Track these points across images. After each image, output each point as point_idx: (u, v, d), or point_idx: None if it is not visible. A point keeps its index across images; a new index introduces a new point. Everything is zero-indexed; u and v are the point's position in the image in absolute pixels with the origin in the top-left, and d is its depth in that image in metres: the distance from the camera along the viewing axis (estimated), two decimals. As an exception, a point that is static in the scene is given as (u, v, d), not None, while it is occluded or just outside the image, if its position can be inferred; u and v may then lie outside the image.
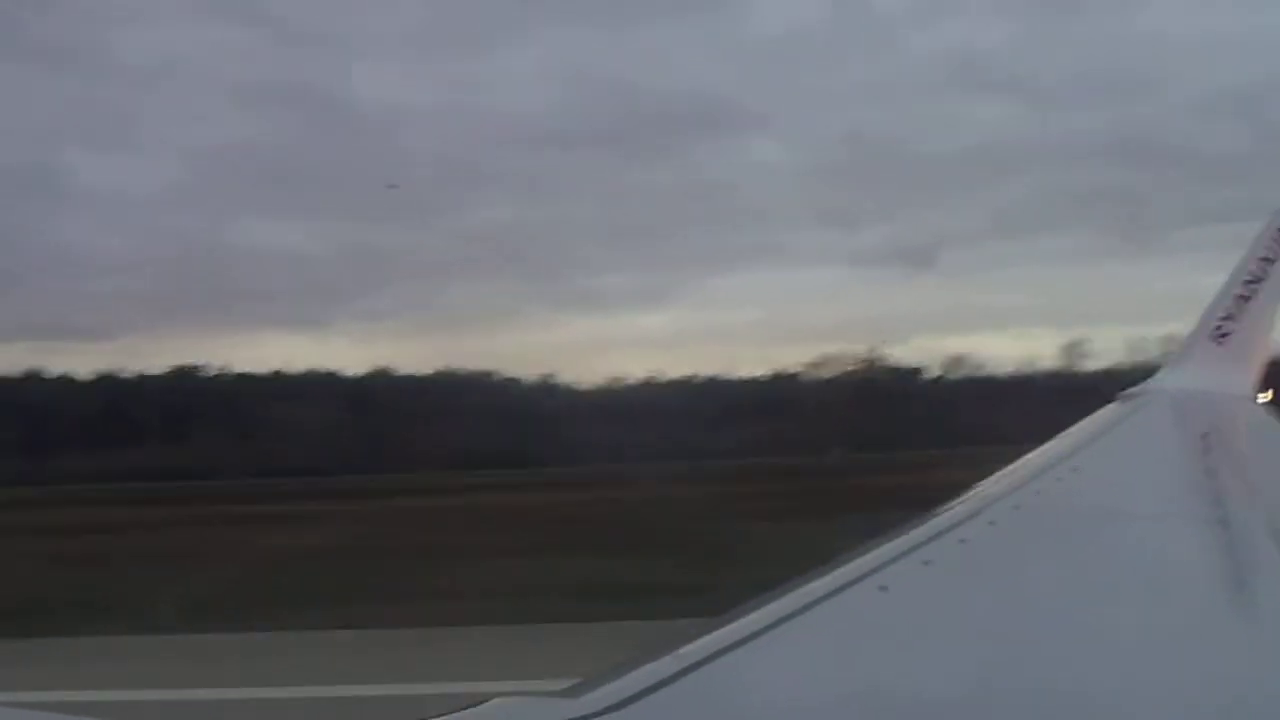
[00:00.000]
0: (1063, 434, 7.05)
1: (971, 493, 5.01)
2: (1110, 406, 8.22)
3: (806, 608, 3.23)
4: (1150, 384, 9.10)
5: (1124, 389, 8.82)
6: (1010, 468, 5.71)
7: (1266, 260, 9.55)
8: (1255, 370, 9.41)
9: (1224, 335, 9.45)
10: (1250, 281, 9.54)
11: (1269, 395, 9.18)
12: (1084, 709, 2.69)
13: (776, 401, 57.98)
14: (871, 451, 46.30)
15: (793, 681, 2.81)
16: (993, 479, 5.43)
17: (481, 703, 2.50)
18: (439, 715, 2.42)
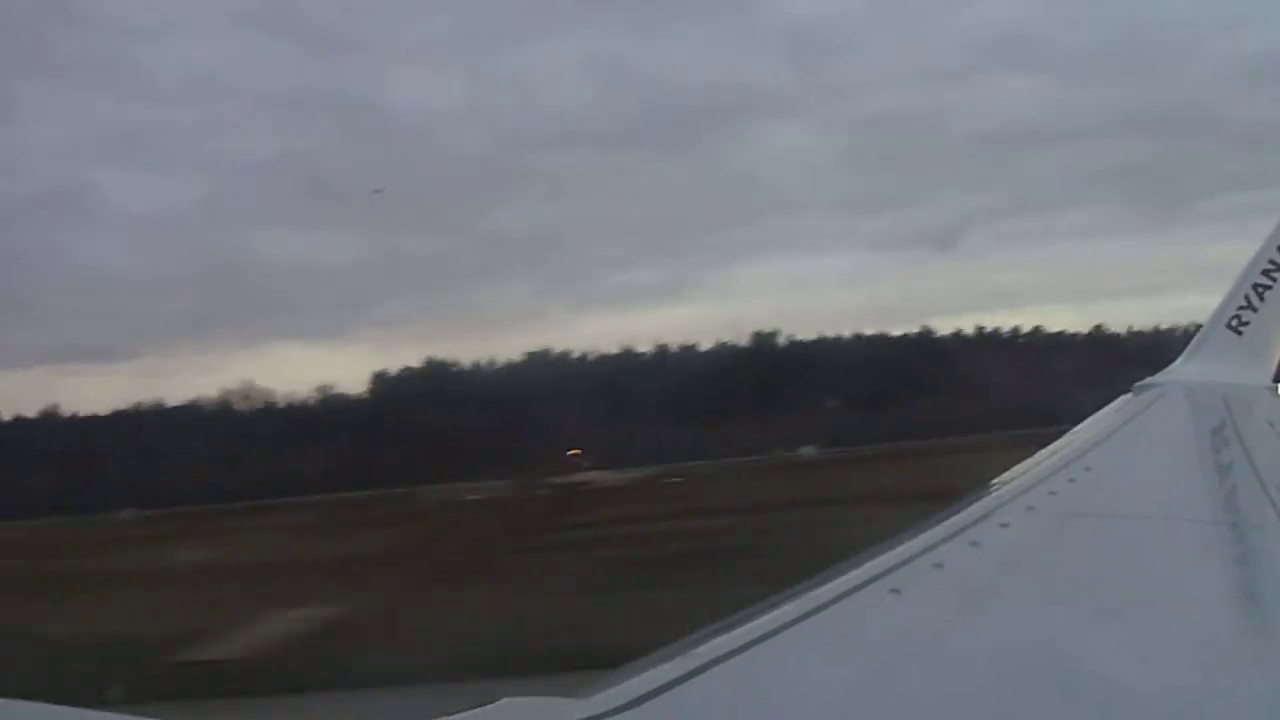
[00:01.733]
0: (1076, 428, 7.00)
1: (984, 491, 4.98)
2: (1124, 398, 8.14)
3: (818, 610, 3.23)
4: (1165, 375, 9.01)
5: (1138, 380, 8.74)
6: (1023, 465, 5.66)
7: None
8: (1273, 360, 9.31)
9: (1242, 325, 9.34)
10: (1269, 271, 9.43)
11: None
12: (1098, 713, 2.69)
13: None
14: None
15: (804, 684, 2.80)
16: (1005, 476, 5.39)
17: (490, 703, 2.51)
18: (449, 715, 2.44)
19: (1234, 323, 9.35)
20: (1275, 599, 3.85)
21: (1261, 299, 9.36)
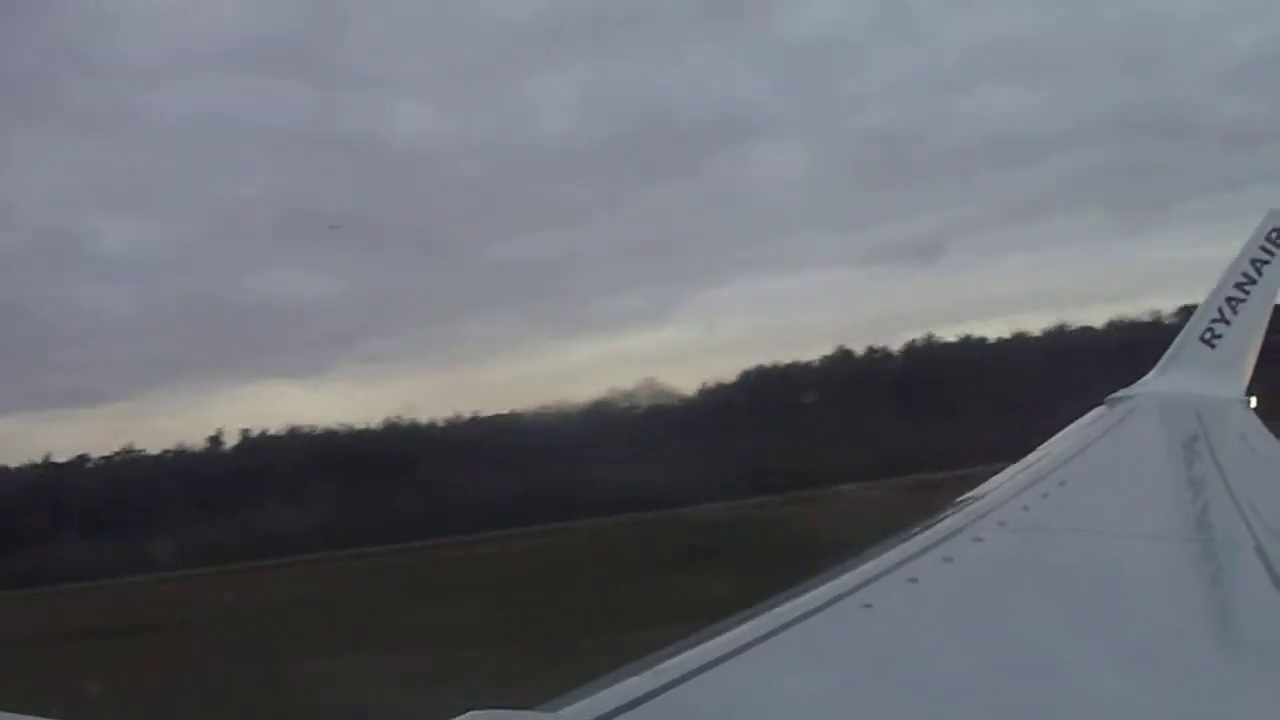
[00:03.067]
0: (1050, 441, 7.02)
1: (958, 506, 4.99)
2: (1098, 411, 8.18)
3: (789, 624, 3.21)
4: (1139, 387, 9.06)
5: (1111, 394, 8.79)
6: (997, 479, 5.68)
7: (1259, 262, 9.50)
8: (1245, 374, 9.37)
9: (1215, 338, 9.41)
10: (1241, 284, 9.50)
11: (1254, 400, 9.16)
12: None
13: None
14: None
15: (776, 698, 2.78)
16: (979, 490, 5.40)
17: (458, 715, 2.48)
18: None
19: (1207, 335, 9.42)
20: (1245, 616, 3.86)
21: (1235, 312, 9.43)
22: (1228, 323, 9.46)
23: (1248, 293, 9.49)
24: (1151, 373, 9.43)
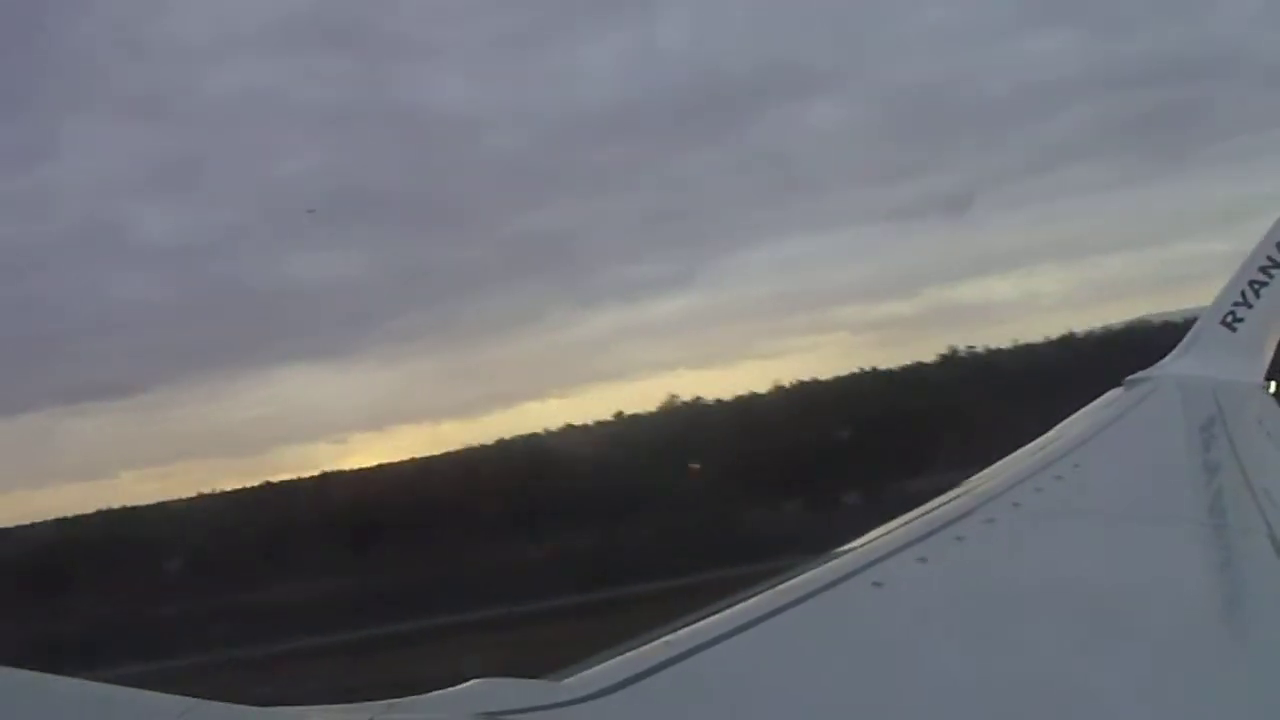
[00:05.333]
0: (1066, 422, 6.99)
1: (970, 486, 4.99)
2: (1115, 392, 8.13)
3: (798, 602, 3.24)
4: (1158, 369, 9.00)
5: (1130, 374, 8.74)
6: (1010, 459, 5.66)
7: None
8: (1266, 358, 9.30)
9: (1236, 321, 9.33)
10: (1266, 268, 9.41)
11: (1274, 386, 9.09)
12: (1077, 711, 2.71)
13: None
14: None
15: (780, 674, 2.81)
16: (992, 471, 5.40)
17: (463, 683, 2.52)
18: (422, 695, 2.44)
19: (1228, 319, 9.33)
20: (1257, 601, 3.86)
21: (1257, 296, 9.34)
22: (1250, 306, 9.37)
23: (1271, 276, 9.40)
24: (1170, 355, 9.36)
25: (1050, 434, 6.50)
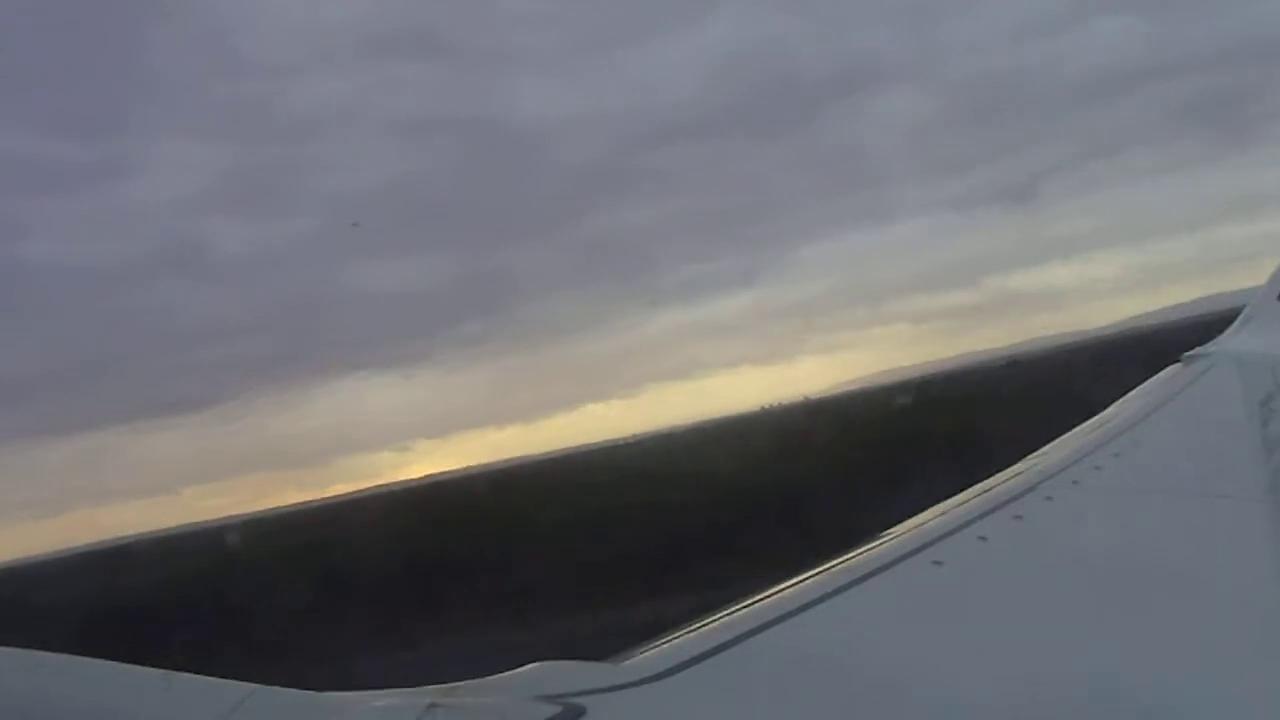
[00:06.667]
0: (1124, 399, 6.91)
1: (1028, 464, 4.93)
2: (1173, 369, 8.03)
3: (859, 580, 3.20)
4: (1215, 345, 8.88)
5: (1188, 350, 8.61)
6: (1069, 436, 5.60)
7: None
8: None
9: None
10: None
11: None
12: (1139, 692, 2.66)
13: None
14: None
15: (843, 654, 2.78)
16: (1051, 448, 5.33)
17: (522, 666, 2.51)
18: (480, 678, 2.44)
19: None
20: None
21: None
22: None
23: None
24: (1228, 330, 9.23)
25: (1108, 411, 6.43)
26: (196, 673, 2.16)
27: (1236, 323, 9.28)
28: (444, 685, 2.28)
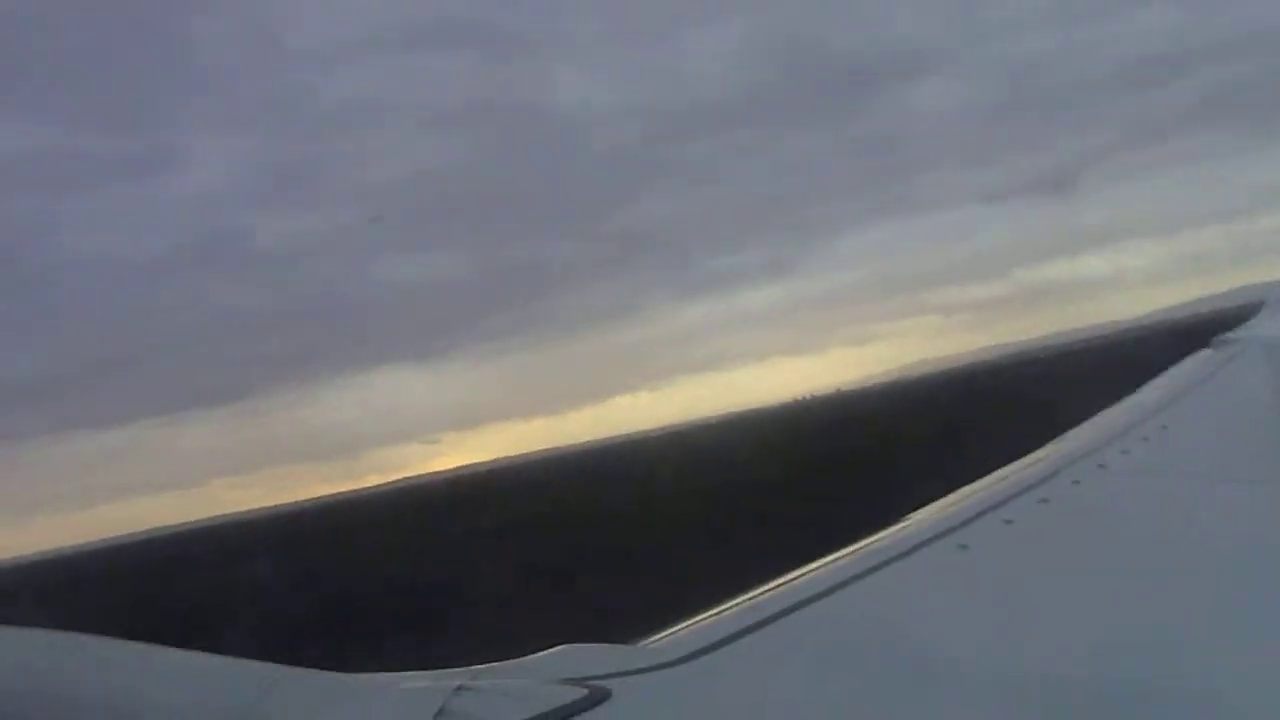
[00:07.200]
0: (1153, 383, 6.85)
1: (1056, 447, 4.90)
2: (1203, 354, 7.95)
3: (885, 564, 3.20)
4: (1246, 329, 8.79)
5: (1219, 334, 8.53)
6: (1096, 420, 5.56)
7: None
8: None
9: None
10: None
11: None
12: (1165, 675, 2.64)
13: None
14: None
15: (869, 637, 2.78)
16: (1078, 432, 5.30)
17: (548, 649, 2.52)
18: (507, 661, 2.46)
19: None
20: None
21: None
22: None
23: None
24: (1259, 315, 9.13)
25: (1137, 395, 6.37)
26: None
27: (1267, 307, 9.18)
28: (471, 668, 2.31)
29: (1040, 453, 4.80)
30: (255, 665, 2.15)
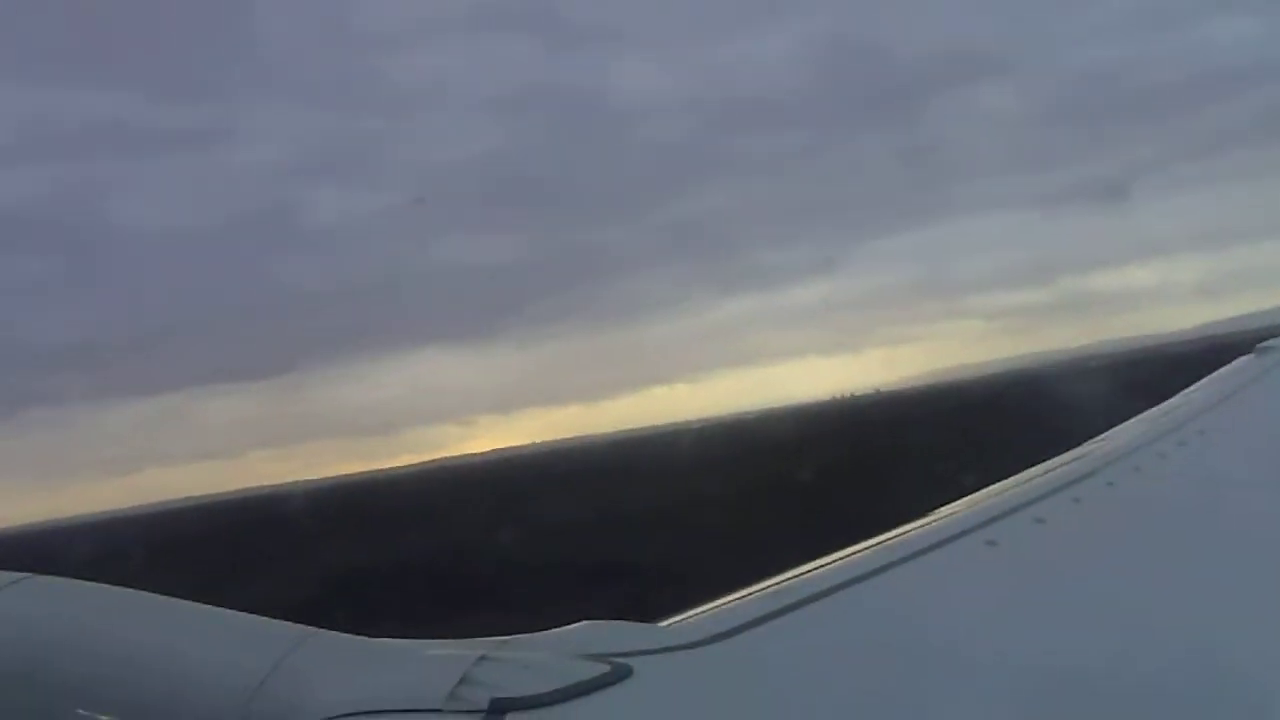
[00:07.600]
0: (1192, 388, 6.77)
1: (1090, 448, 4.86)
2: (1245, 359, 7.83)
3: (912, 557, 3.19)
4: None
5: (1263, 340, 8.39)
6: (1133, 423, 5.50)
7: None
8: None
9: None
10: None
11: None
12: (1192, 679, 2.62)
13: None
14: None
15: (892, 630, 2.77)
16: (1114, 434, 5.25)
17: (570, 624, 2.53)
18: (528, 634, 2.47)
19: None
20: None
21: None
22: None
23: None
24: None
25: (1176, 399, 6.30)
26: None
27: None
28: (494, 638, 2.32)
29: (1075, 453, 4.75)
30: (282, 624, 2.18)
